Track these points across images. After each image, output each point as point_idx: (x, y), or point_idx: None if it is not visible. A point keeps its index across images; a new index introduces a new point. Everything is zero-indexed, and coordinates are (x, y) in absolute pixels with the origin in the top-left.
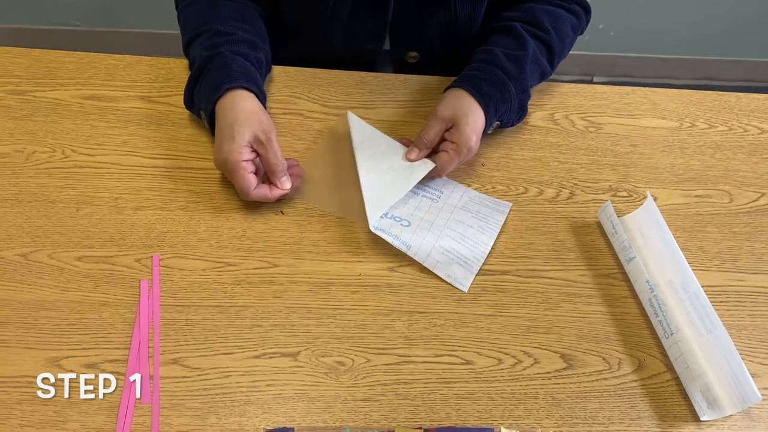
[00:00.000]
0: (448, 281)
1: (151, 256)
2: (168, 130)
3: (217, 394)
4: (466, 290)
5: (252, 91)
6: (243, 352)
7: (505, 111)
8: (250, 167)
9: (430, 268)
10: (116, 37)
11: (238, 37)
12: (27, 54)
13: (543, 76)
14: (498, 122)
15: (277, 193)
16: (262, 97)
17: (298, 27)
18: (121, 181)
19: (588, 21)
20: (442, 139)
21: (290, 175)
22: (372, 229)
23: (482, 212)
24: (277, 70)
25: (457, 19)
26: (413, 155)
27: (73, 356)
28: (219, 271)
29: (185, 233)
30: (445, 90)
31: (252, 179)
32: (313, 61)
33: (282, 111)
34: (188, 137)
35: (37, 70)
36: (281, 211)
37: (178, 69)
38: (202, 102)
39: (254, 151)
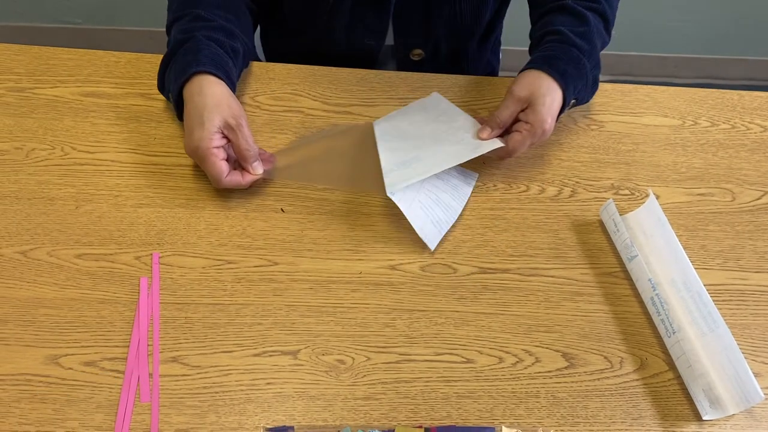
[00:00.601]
0: (420, 235)
1: (151, 254)
2: (168, 127)
3: (216, 393)
4: (432, 249)
5: (220, 78)
6: (243, 350)
7: (582, 87)
8: (222, 154)
9: (408, 219)
10: (117, 35)
11: (216, 24)
12: (26, 51)
13: (603, 46)
14: (575, 99)
15: (249, 178)
16: (230, 85)
17: (299, 24)
18: (120, 179)
19: None
20: (516, 120)
21: (261, 161)
22: (388, 191)
23: (452, 181)
24: (278, 68)
25: (462, 16)
26: (485, 134)
27: (72, 354)
28: (219, 269)
29: (185, 231)
30: (520, 72)
31: (224, 166)
32: (316, 59)
33: (282, 108)
34: None
35: (37, 67)
36: (281, 209)
37: None
38: (170, 84)
39: (225, 137)
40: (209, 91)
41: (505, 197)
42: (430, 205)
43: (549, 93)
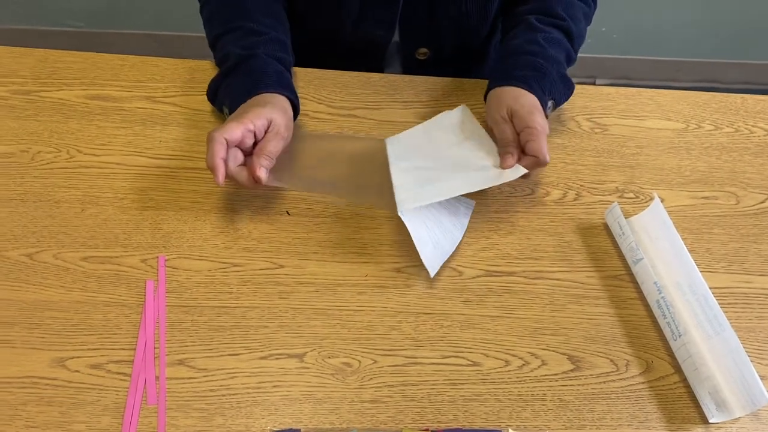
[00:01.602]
0: (422, 260)
1: (157, 257)
2: (173, 130)
3: (223, 395)
4: (432, 275)
5: (286, 96)
6: (249, 353)
7: (550, 84)
8: (236, 137)
9: (414, 239)
10: (119, 39)
11: (271, 37)
12: (32, 54)
13: (569, 59)
14: (552, 100)
15: (233, 171)
16: (296, 100)
17: (308, 18)
18: (126, 182)
19: (595, 10)
20: (516, 135)
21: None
22: (399, 209)
23: (451, 208)
24: None
25: (468, 15)
26: (510, 161)
27: (79, 357)
28: (225, 272)
29: (191, 234)
30: (486, 99)
31: (222, 149)
32: (323, 55)
33: None
34: (194, 137)
35: (42, 70)
36: (287, 212)
37: (184, 69)
38: (226, 98)
39: (255, 135)
40: (272, 99)
41: (510, 200)
42: (433, 228)
43: (521, 96)
